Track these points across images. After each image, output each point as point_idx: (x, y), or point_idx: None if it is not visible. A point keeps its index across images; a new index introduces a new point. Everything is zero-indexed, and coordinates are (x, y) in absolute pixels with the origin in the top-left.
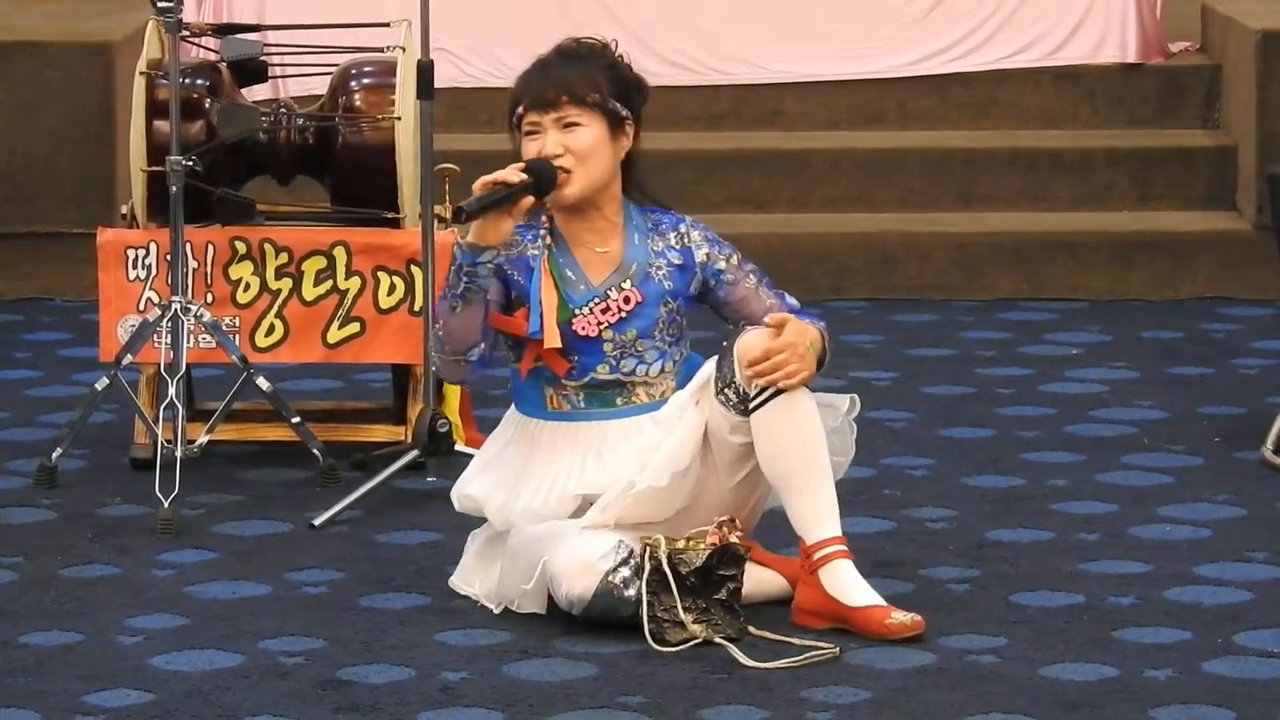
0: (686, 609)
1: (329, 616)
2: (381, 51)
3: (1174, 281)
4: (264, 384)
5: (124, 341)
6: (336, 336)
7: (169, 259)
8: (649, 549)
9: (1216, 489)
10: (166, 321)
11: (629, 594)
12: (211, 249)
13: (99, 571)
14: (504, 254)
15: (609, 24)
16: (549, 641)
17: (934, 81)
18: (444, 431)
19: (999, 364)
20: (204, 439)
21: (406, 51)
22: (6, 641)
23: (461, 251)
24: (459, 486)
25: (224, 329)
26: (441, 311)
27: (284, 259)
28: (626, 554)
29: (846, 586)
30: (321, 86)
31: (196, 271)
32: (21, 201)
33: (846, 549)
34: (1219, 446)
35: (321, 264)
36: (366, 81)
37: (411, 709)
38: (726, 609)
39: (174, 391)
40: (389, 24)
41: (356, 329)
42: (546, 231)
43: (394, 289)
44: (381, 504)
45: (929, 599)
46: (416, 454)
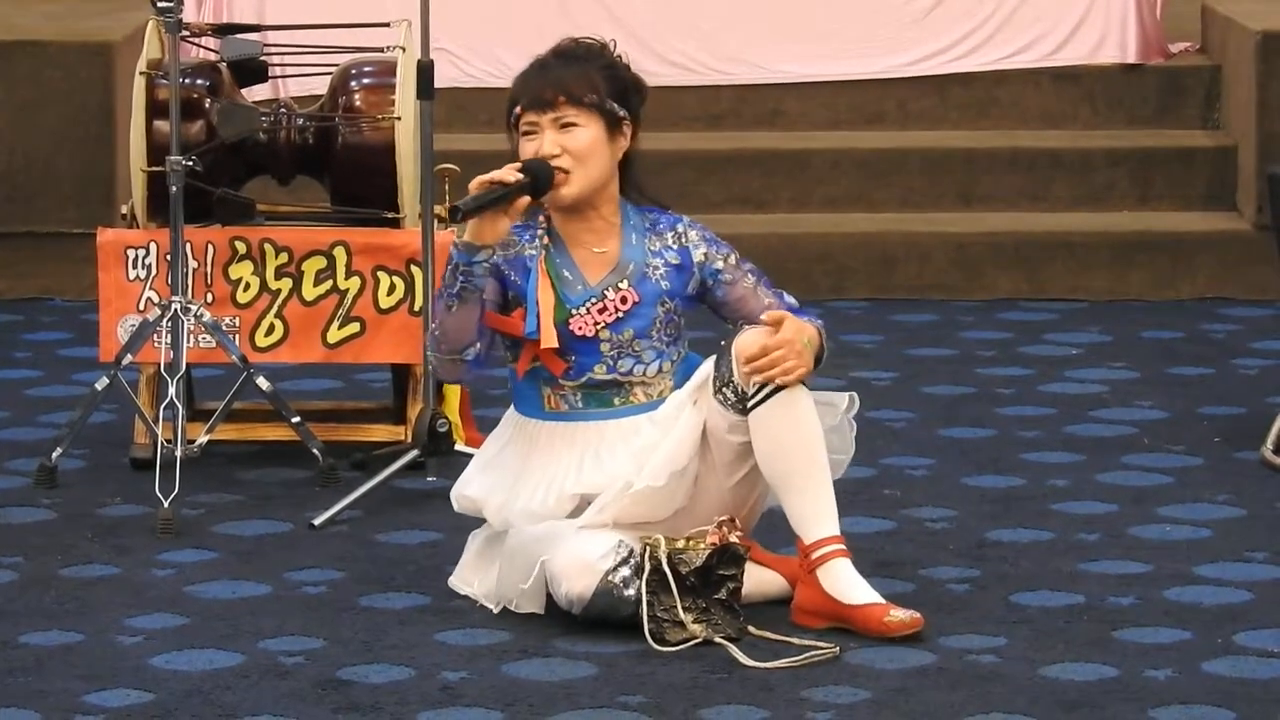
0: (686, 609)
1: (329, 616)
2: (381, 51)
3: (1174, 282)
4: (264, 384)
5: (124, 341)
6: (336, 336)
7: (169, 259)
8: (649, 549)
9: (1216, 489)
10: (166, 321)
11: (629, 593)
12: (211, 249)
13: (99, 571)
14: (501, 254)
15: (609, 24)
16: (549, 641)
17: (934, 81)
18: (444, 431)
19: (999, 364)
20: (204, 439)
21: (406, 51)
22: (6, 641)
23: (458, 251)
24: (458, 487)
25: (224, 329)
26: (438, 311)
27: (284, 259)
28: (626, 554)
29: (845, 585)
30: (321, 86)
31: (196, 271)
32: (21, 201)
33: (845, 548)
34: (1219, 446)
35: (321, 264)
36: (366, 81)
37: (411, 709)
38: (726, 609)
39: (174, 391)
40: (389, 24)
41: (356, 329)
42: (544, 231)
43: (394, 289)
44: (381, 504)
45: (929, 599)
46: (416, 454)
